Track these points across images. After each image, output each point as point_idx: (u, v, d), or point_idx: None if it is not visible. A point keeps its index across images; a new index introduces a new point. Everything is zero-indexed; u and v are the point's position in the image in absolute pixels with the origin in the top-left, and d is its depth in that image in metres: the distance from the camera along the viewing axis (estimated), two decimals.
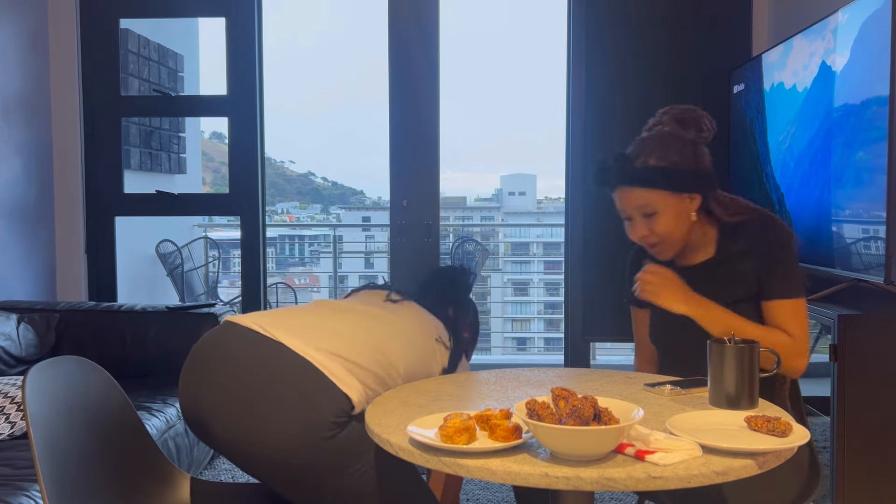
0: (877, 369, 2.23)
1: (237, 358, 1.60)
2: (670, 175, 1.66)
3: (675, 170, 1.67)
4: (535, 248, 12.06)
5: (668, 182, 1.66)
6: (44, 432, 1.36)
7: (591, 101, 3.68)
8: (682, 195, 1.68)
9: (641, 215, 1.69)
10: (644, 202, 1.67)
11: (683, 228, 1.69)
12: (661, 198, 1.67)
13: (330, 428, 1.56)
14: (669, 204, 1.67)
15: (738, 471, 1.18)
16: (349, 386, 1.59)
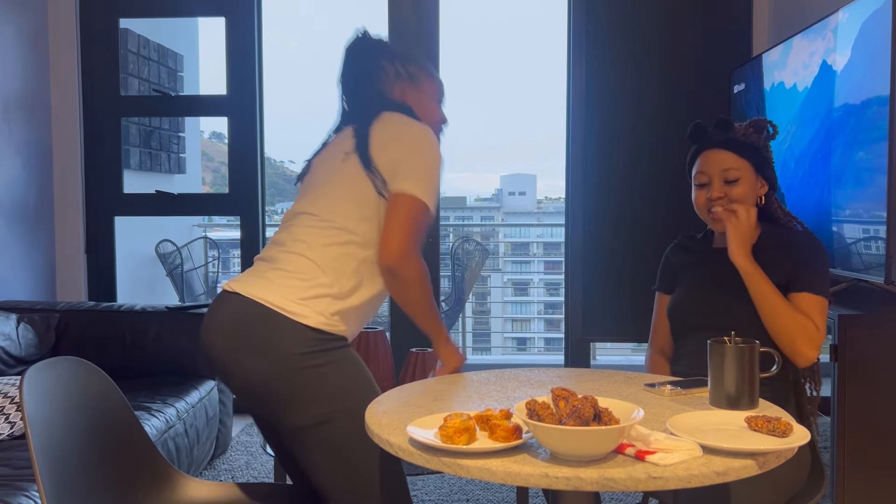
0: (877, 369, 2.23)
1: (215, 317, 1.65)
2: (758, 154, 1.86)
3: (761, 153, 1.87)
4: (535, 248, 12.07)
5: (757, 158, 1.85)
6: (42, 433, 1.36)
7: (591, 101, 3.68)
8: (759, 177, 1.87)
9: (722, 180, 1.85)
10: (732, 165, 1.84)
11: (752, 202, 1.86)
12: (746, 168, 1.84)
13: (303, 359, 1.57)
14: (750, 177, 1.85)
15: (739, 471, 1.18)
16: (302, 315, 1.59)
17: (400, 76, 1.85)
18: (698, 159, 1.90)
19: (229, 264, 6.73)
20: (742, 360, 1.45)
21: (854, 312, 2.25)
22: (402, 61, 1.86)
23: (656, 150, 3.70)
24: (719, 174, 1.85)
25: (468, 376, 1.77)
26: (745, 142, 1.85)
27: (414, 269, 1.64)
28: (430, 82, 1.88)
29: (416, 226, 1.62)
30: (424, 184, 1.64)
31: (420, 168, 1.65)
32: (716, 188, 1.85)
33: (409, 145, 1.68)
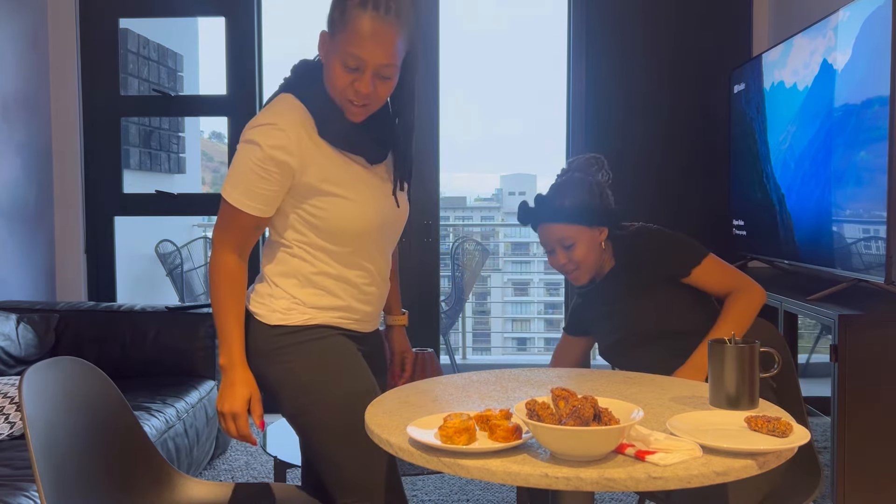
0: (877, 369, 2.23)
1: None
2: (583, 212, 1.95)
3: (587, 208, 1.95)
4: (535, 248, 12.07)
5: (582, 218, 1.95)
6: (41, 433, 1.36)
7: (591, 101, 3.68)
8: (593, 228, 1.96)
9: (561, 247, 1.96)
10: (563, 235, 1.95)
11: (596, 255, 1.98)
12: (577, 231, 1.95)
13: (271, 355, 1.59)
14: (584, 236, 1.95)
15: (739, 471, 1.18)
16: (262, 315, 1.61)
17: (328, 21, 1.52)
18: (537, 232, 2.03)
19: None
20: (742, 360, 1.45)
21: (854, 312, 2.24)
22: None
23: (656, 150, 3.70)
24: (557, 244, 1.97)
25: (468, 376, 1.77)
26: (569, 207, 1.94)
27: (212, 260, 1.58)
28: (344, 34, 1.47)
29: (222, 222, 1.57)
30: (229, 182, 1.56)
31: (232, 167, 1.58)
32: (560, 256, 1.97)
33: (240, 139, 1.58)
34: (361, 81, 1.49)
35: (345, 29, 1.46)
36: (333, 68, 1.50)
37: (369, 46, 1.46)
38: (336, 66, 1.49)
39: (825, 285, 2.53)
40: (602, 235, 1.98)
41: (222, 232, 1.57)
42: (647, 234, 2.01)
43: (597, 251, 1.97)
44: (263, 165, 1.52)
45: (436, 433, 1.26)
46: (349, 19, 1.46)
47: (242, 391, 1.57)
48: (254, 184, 1.52)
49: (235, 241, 1.57)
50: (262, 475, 3.10)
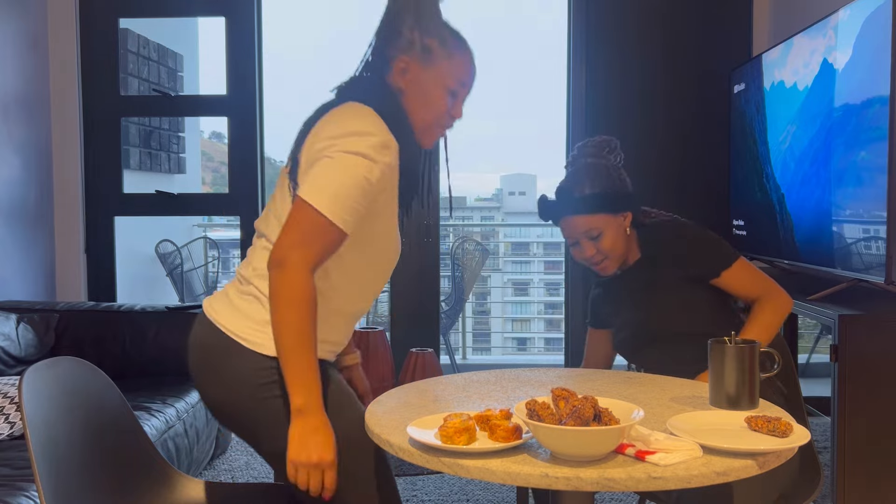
0: (877, 369, 2.23)
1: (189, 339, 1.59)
2: (607, 199, 1.88)
3: (610, 193, 1.88)
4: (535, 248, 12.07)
5: (606, 205, 1.87)
6: (41, 433, 1.36)
7: (591, 101, 3.68)
8: (618, 215, 1.89)
9: (588, 238, 1.89)
10: (589, 226, 1.88)
11: (623, 243, 1.91)
12: (603, 220, 1.88)
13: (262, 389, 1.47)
14: (610, 224, 1.88)
15: (739, 471, 1.18)
16: (258, 344, 1.48)
17: (411, 48, 1.54)
18: (560, 226, 1.94)
19: (229, 264, 6.72)
20: (742, 360, 1.45)
21: (854, 312, 2.24)
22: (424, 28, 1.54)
23: (656, 150, 3.70)
24: (582, 235, 1.89)
25: (468, 376, 1.77)
26: (590, 195, 1.87)
27: (289, 280, 1.37)
28: (448, 63, 1.54)
29: (305, 235, 1.39)
30: (327, 194, 1.39)
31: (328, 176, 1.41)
32: (586, 249, 1.89)
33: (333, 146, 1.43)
34: (457, 107, 1.58)
35: (450, 57, 1.54)
36: (435, 94, 1.54)
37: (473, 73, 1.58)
38: (439, 91, 1.54)
39: (825, 285, 2.53)
40: (626, 221, 1.91)
41: (306, 248, 1.38)
42: (679, 229, 1.94)
43: (623, 238, 1.90)
44: (373, 182, 1.43)
45: (436, 433, 1.26)
46: (454, 48, 1.55)
47: (331, 438, 1.40)
48: (357, 200, 1.42)
49: (318, 260, 1.41)
50: (262, 475, 3.10)
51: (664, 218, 2.00)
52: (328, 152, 1.42)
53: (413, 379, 3.28)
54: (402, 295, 3.83)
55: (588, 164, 1.91)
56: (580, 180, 1.88)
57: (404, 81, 1.55)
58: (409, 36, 1.54)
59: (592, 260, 1.91)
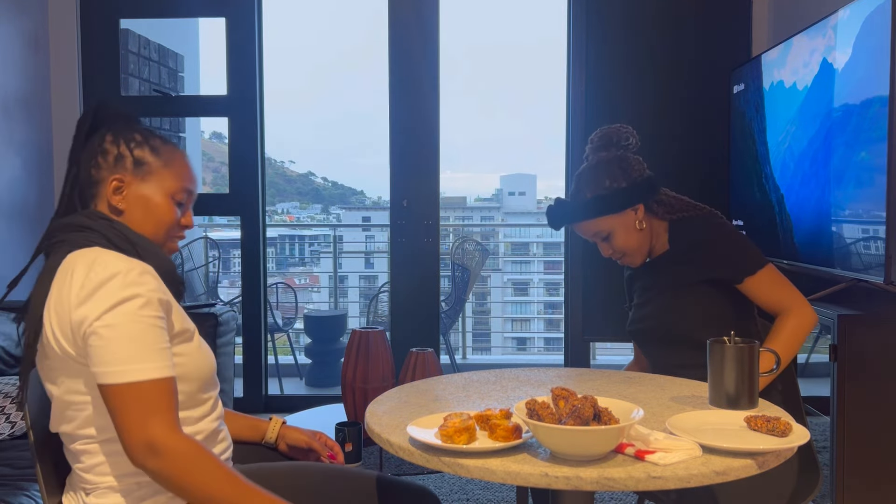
0: (877, 369, 2.23)
1: None
2: (606, 200, 1.84)
3: (609, 194, 1.84)
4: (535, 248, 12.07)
5: (607, 207, 1.84)
6: (43, 433, 1.36)
7: (591, 101, 3.68)
8: (624, 211, 1.85)
9: (600, 239, 1.88)
10: (596, 230, 1.87)
11: (638, 237, 1.88)
12: (607, 221, 1.85)
13: None
14: (617, 223, 1.86)
15: (738, 471, 1.18)
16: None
17: (121, 163, 1.36)
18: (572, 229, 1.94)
19: (230, 264, 6.72)
20: (742, 360, 1.45)
21: (854, 312, 2.25)
22: (128, 139, 1.38)
23: (656, 150, 3.70)
24: (595, 238, 1.89)
25: (468, 376, 1.77)
26: (590, 202, 1.84)
27: (173, 458, 1.17)
28: (167, 171, 1.39)
29: (146, 409, 1.17)
30: (129, 362, 1.18)
31: (113, 346, 1.18)
32: (602, 248, 1.90)
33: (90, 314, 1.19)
34: (188, 216, 1.45)
35: (168, 164, 1.39)
36: (160, 206, 1.38)
37: (194, 178, 1.44)
38: (164, 202, 1.38)
39: (825, 285, 2.53)
40: (638, 213, 1.87)
41: (159, 416, 1.18)
42: (708, 228, 1.88)
43: (636, 233, 1.87)
44: (158, 313, 1.26)
45: (436, 433, 1.26)
46: (169, 155, 1.40)
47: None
48: (159, 340, 1.24)
49: (176, 416, 1.21)
50: None
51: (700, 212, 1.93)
52: (92, 327, 1.19)
53: (413, 379, 3.28)
54: (402, 295, 3.83)
55: (590, 165, 1.89)
56: (581, 184, 1.87)
57: (123, 201, 1.36)
58: (116, 151, 1.37)
59: (613, 257, 1.91)
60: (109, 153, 1.37)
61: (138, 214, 1.37)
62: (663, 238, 1.91)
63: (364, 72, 46.78)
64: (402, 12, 3.77)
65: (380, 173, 3.83)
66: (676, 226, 1.90)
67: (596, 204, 1.84)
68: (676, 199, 1.94)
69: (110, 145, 1.37)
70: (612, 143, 1.90)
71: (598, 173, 1.86)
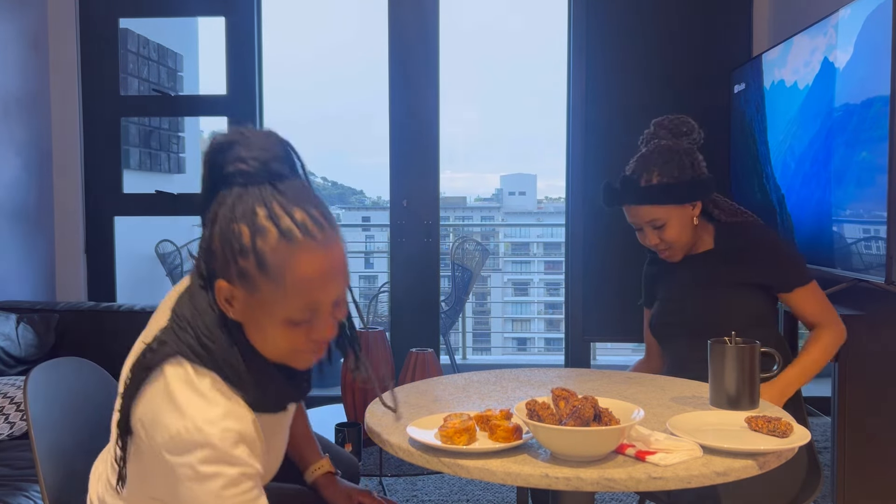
0: (877, 369, 2.23)
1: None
2: (673, 190, 1.81)
3: (677, 184, 1.81)
4: (535, 248, 12.07)
5: (672, 196, 1.81)
6: (45, 434, 1.36)
7: (591, 101, 3.68)
8: (684, 205, 1.84)
9: (652, 227, 1.84)
10: (653, 217, 1.83)
11: (689, 233, 1.86)
12: (667, 211, 1.82)
13: None
14: (675, 214, 1.83)
15: (739, 471, 1.18)
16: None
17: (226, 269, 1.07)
18: (624, 210, 1.89)
19: None
20: (742, 360, 1.45)
21: (854, 312, 2.24)
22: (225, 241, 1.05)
23: None
24: (646, 224, 1.85)
25: (468, 376, 1.77)
26: (657, 185, 1.80)
27: None
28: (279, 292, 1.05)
29: None
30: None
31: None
32: (650, 236, 1.86)
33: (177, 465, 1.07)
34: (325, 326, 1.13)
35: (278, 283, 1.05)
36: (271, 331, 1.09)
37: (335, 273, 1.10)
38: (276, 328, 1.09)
39: (825, 285, 2.53)
40: (696, 210, 1.85)
41: None
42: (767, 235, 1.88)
43: (690, 228, 1.84)
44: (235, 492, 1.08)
45: (436, 433, 1.26)
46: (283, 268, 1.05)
47: None
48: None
49: None
50: None
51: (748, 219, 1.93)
52: (179, 473, 1.07)
53: (413, 379, 3.28)
54: (402, 295, 3.83)
55: (659, 148, 1.85)
56: (648, 167, 1.82)
57: (235, 313, 1.10)
58: (220, 250, 1.05)
59: (656, 248, 1.87)
60: (216, 255, 1.06)
61: (252, 331, 1.11)
62: (706, 238, 1.91)
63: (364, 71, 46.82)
64: (402, 12, 3.76)
65: (380, 173, 3.83)
66: (725, 228, 1.90)
67: (662, 191, 1.80)
68: (725, 202, 1.96)
69: (217, 242, 1.06)
70: (683, 133, 1.90)
71: (668, 161, 1.82)
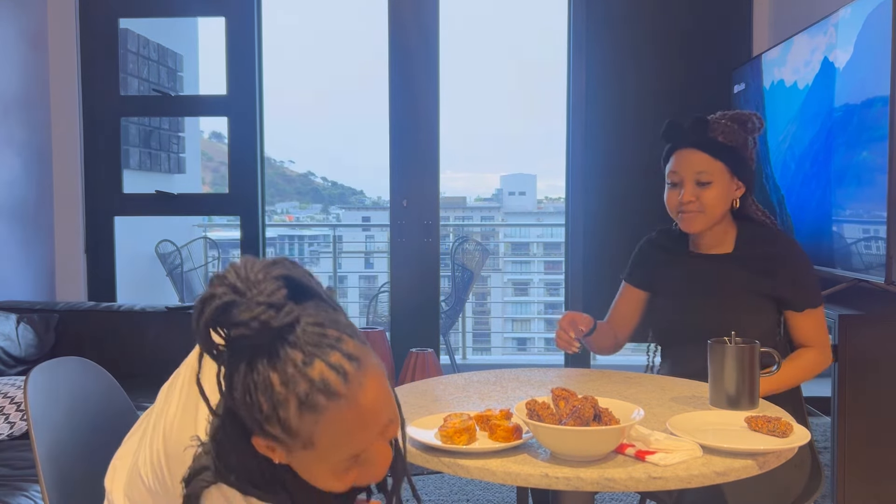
0: (877, 369, 2.23)
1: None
2: (735, 154, 1.79)
3: (738, 153, 1.80)
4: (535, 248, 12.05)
5: (733, 159, 1.79)
6: (46, 434, 1.36)
7: (591, 101, 3.68)
8: (734, 178, 1.81)
9: (695, 182, 1.80)
10: (705, 168, 1.79)
11: (724, 208, 1.81)
12: (720, 171, 1.79)
13: None
14: (722, 180, 1.79)
15: (739, 471, 1.18)
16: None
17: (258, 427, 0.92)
18: (672, 158, 1.87)
19: None
20: (742, 360, 1.45)
21: (854, 312, 2.25)
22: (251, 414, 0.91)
23: (656, 150, 3.68)
24: (692, 176, 1.81)
25: (468, 376, 1.77)
26: (721, 142, 1.79)
27: None
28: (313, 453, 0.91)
29: None
30: None
31: None
32: (687, 191, 1.81)
33: None
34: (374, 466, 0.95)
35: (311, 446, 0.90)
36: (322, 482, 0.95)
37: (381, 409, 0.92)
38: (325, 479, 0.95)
39: (825, 285, 2.53)
40: (738, 192, 1.82)
41: None
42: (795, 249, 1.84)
43: (726, 204, 1.81)
44: None
45: (436, 433, 1.26)
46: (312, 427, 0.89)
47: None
48: None
49: None
50: None
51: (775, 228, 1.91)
52: None
53: (413, 379, 3.28)
54: (402, 295, 3.83)
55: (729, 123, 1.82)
56: (719, 126, 1.81)
57: (278, 458, 0.96)
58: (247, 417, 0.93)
59: (687, 207, 1.81)
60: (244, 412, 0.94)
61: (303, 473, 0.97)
62: (728, 242, 1.87)
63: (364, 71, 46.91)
64: (402, 12, 3.76)
65: (380, 173, 3.83)
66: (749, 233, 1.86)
67: (725, 148, 1.78)
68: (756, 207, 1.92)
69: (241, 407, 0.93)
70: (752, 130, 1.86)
71: (737, 134, 1.80)
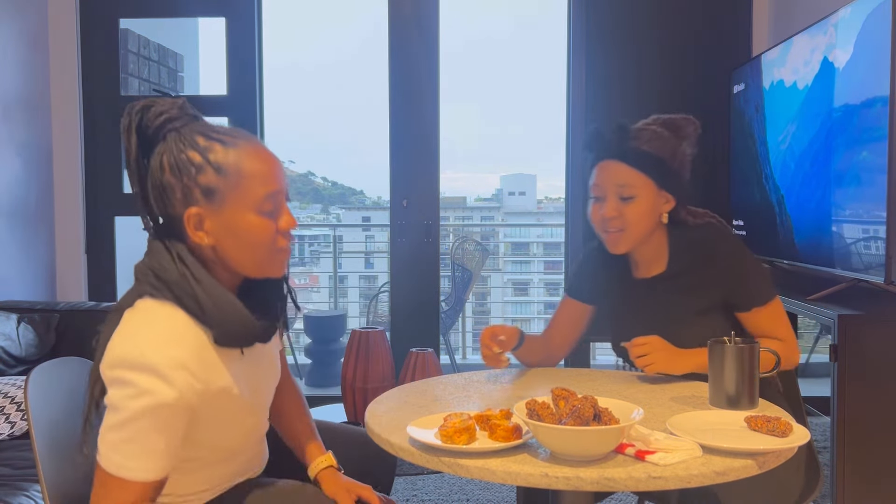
0: (877, 369, 2.23)
1: None
2: (661, 167, 1.65)
3: (666, 164, 1.66)
4: (535, 248, 12.06)
5: (657, 171, 1.65)
6: (46, 433, 1.36)
7: (591, 101, 3.68)
8: (661, 191, 1.67)
9: (617, 196, 1.65)
10: (627, 182, 1.64)
11: (650, 224, 1.67)
12: (645, 184, 1.65)
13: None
14: (647, 194, 1.65)
15: (739, 471, 1.18)
16: None
17: (190, 197, 1.24)
18: (594, 170, 1.69)
19: None
20: (742, 360, 1.45)
21: (854, 312, 2.25)
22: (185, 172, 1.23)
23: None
24: (614, 189, 1.64)
25: (468, 376, 1.77)
26: (646, 152, 1.63)
27: None
28: (242, 186, 1.24)
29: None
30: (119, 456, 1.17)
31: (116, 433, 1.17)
32: (609, 206, 1.64)
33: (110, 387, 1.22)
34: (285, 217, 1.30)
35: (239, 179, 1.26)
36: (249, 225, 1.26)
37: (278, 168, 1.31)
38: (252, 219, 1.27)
39: (825, 285, 2.53)
40: (666, 206, 1.67)
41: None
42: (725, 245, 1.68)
43: (652, 220, 1.65)
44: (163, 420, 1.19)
45: (436, 433, 1.26)
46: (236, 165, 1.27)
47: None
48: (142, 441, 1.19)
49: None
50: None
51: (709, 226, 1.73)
52: (110, 399, 1.19)
53: (413, 379, 3.28)
54: (402, 295, 3.83)
55: (657, 129, 1.68)
56: (644, 136, 1.66)
57: (208, 236, 1.25)
58: (180, 185, 1.23)
59: (609, 224, 1.65)
60: (175, 190, 1.23)
61: (230, 243, 1.25)
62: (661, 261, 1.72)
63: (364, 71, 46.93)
64: (402, 12, 3.76)
65: (380, 173, 3.83)
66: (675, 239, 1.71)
67: (650, 160, 1.62)
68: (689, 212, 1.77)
69: (171, 178, 1.23)
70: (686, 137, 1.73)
71: (664, 143, 1.66)
